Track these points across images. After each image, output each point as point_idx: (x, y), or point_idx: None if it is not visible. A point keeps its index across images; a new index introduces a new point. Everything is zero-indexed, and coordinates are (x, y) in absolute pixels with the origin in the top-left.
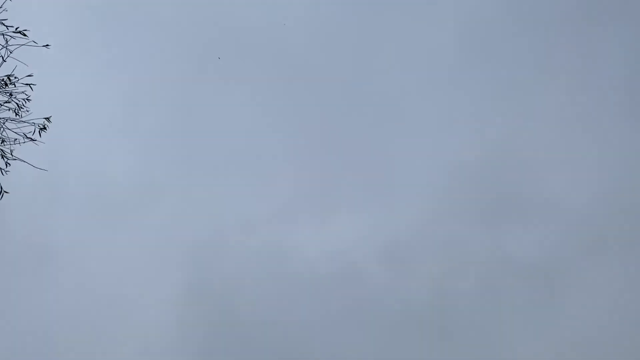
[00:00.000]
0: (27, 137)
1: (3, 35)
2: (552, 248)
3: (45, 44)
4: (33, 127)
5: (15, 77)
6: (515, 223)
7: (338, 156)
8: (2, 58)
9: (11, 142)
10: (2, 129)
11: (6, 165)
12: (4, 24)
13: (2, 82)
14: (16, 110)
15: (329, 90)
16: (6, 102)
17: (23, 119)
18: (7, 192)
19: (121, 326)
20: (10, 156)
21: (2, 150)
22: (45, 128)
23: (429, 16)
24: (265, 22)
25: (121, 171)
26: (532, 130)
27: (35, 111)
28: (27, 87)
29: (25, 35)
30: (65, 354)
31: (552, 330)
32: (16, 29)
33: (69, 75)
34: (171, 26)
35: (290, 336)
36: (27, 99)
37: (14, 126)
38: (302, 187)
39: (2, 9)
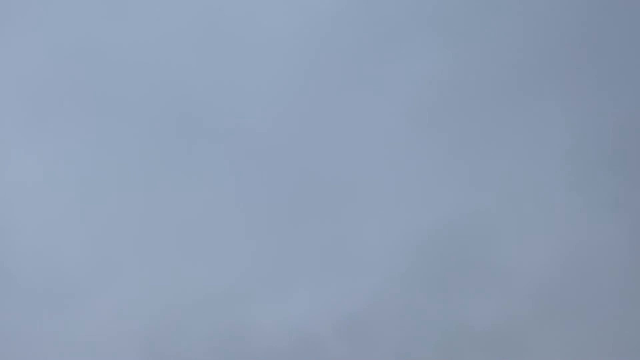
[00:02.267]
0: None
1: None
2: (509, 315)
3: None
4: None
5: None
6: (473, 292)
7: (296, 231)
8: None
9: None
10: None
11: None
12: None
13: None
14: None
15: (285, 164)
16: None
17: None
18: None
19: None
20: None
21: None
22: None
23: (381, 89)
24: (224, 97)
25: (71, 254)
26: (485, 201)
27: None
28: None
29: None
30: None
31: None
32: None
33: (24, 158)
34: (129, 103)
35: None
36: None
37: None
38: (260, 263)
39: None
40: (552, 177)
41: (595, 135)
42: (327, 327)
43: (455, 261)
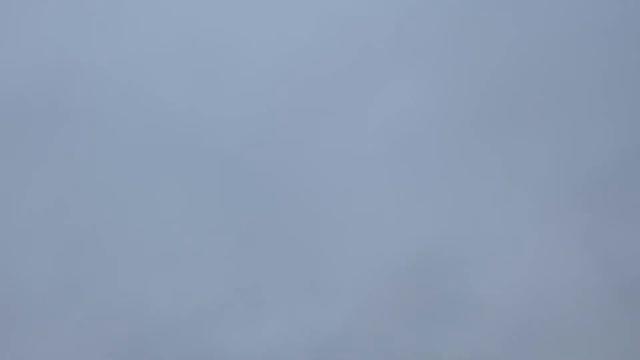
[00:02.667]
0: None
1: None
2: (478, 347)
3: None
4: None
5: None
6: (445, 322)
7: (269, 256)
8: None
9: None
10: None
11: None
12: None
13: None
14: None
15: (262, 188)
16: None
17: None
18: None
19: None
20: None
21: None
22: None
23: (361, 116)
24: (206, 116)
25: (32, 274)
26: (459, 232)
27: None
28: None
29: None
30: None
31: None
32: None
33: None
34: (108, 121)
35: None
36: None
37: None
38: (232, 287)
39: None
40: (525, 211)
41: (567, 171)
42: (296, 354)
43: (427, 291)
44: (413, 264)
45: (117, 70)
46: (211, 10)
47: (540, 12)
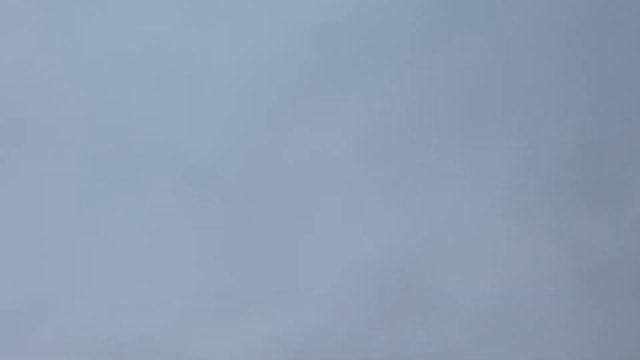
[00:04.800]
0: None
1: None
2: (451, 342)
3: None
4: None
5: None
6: (417, 320)
7: (241, 264)
8: None
9: None
10: None
11: None
12: None
13: None
14: None
15: (232, 196)
16: None
17: None
18: None
19: None
20: None
21: None
22: None
23: (329, 121)
24: (173, 131)
25: (1, 289)
26: (429, 231)
27: None
28: None
29: None
30: None
31: None
32: None
33: None
34: (71, 136)
35: None
36: None
37: None
38: (205, 296)
39: None
40: (492, 208)
41: (531, 168)
42: (276, 358)
43: (401, 290)
44: (386, 264)
45: (77, 83)
46: (177, 19)
47: (504, 16)
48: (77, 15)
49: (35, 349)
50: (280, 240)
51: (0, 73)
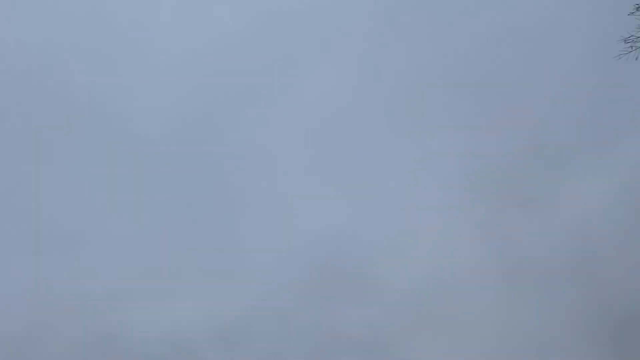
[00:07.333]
0: None
1: None
2: (381, 325)
3: None
4: None
5: None
6: (348, 302)
7: (180, 239)
8: None
9: None
10: None
11: None
12: None
13: None
14: None
15: (176, 175)
16: None
17: None
18: None
19: None
20: None
21: None
22: None
23: (280, 107)
24: (126, 106)
25: None
26: (368, 218)
27: None
28: None
29: None
30: None
31: None
32: None
33: None
34: (12, 111)
35: None
36: None
37: None
38: (141, 268)
39: None
40: (429, 200)
41: (470, 166)
42: (204, 333)
43: (336, 274)
44: (324, 249)
45: (31, 60)
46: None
47: (456, 14)
48: None
49: None
50: (221, 220)
51: None
